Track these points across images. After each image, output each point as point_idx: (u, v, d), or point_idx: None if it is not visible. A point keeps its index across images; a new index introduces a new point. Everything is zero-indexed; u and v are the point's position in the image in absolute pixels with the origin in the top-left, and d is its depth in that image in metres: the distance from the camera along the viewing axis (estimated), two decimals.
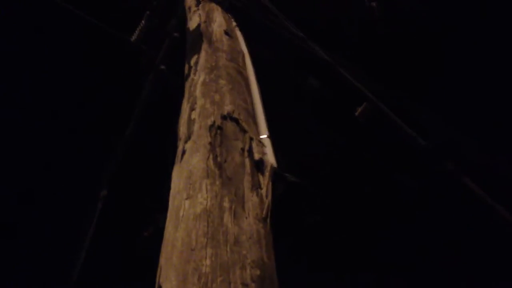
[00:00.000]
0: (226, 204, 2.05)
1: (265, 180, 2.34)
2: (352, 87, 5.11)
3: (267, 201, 2.21)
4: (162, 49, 6.46)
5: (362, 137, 5.08)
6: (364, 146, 5.06)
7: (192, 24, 4.39)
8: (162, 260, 1.93)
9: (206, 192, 2.10)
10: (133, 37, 7.12)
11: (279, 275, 2.01)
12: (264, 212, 2.14)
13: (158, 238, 2.18)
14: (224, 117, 2.69)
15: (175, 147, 2.77)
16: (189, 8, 4.84)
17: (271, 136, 2.80)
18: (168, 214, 2.15)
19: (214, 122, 2.62)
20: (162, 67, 6.22)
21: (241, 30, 4.55)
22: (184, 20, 5.09)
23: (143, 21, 7.03)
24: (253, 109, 3.09)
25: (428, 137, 5.10)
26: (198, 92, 3.01)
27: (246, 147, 2.50)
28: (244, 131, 2.63)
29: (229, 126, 2.64)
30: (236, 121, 2.70)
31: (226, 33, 3.97)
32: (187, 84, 3.32)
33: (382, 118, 5.05)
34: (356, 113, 4.99)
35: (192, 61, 3.63)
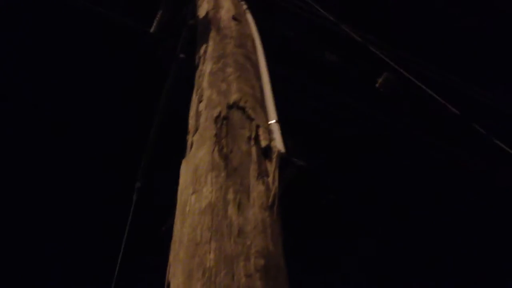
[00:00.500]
0: (230, 195, 2.06)
1: (272, 167, 2.34)
2: (373, 60, 4.99)
3: (274, 188, 2.21)
4: (181, 38, 6.49)
5: (386, 109, 4.98)
6: (388, 118, 4.97)
7: (201, 12, 4.38)
8: (171, 257, 1.97)
9: (211, 186, 2.12)
10: (152, 29, 7.22)
11: (290, 261, 2.02)
12: (270, 200, 2.14)
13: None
14: (230, 107, 2.69)
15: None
16: None
17: (280, 121, 2.79)
18: (176, 210, 2.19)
19: (220, 112, 2.62)
20: (182, 55, 6.26)
21: (252, 13, 4.50)
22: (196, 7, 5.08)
23: (160, 12, 7.09)
24: (262, 93, 3.07)
25: (456, 104, 4.95)
26: (205, 83, 3.02)
27: (253, 135, 2.50)
28: (250, 119, 2.63)
29: (235, 115, 2.64)
30: (242, 109, 2.69)
31: (235, 18, 3.95)
32: (196, 75, 3.34)
33: (405, 87, 4.93)
34: (377, 84, 4.89)
35: (202, 51, 3.63)
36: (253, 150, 2.41)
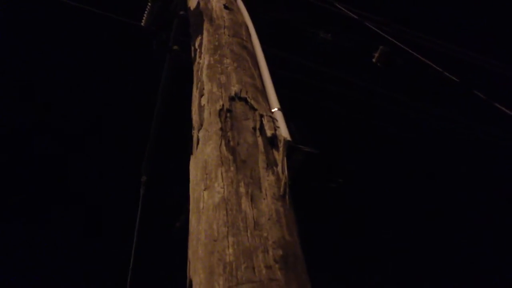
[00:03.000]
0: (242, 189, 2.09)
1: (280, 156, 2.36)
2: (367, 35, 4.97)
3: (284, 177, 2.23)
4: (173, 29, 6.45)
5: (385, 83, 4.98)
6: (388, 91, 4.97)
7: (192, 3, 4.35)
8: (190, 254, 2.01)
9: (222, 180, 2.15)
10: (143, 22, 7.18)
11: (306, 247, 2.06)
12: (282, 189, 2.17)
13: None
14: (232, 99, 2.70)
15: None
16: None
17: (282, 107, 2.80)
18: (190, 207, 2.21)
19: (223, 105, 2.63)
20: (175, 47, 6.24)
21: None
22: None
23: (149, 4, 7.04)
24: (262, 81, 3.08)
25: (454, 71, 4.95)
26: (204, 76, 3.01)
27: (257, 126, 2.51)
28: (253, 109, 2.64)
29: (238, 106, 2.65)
30: (244, 100, 2.70)
31: (226, 7, 3.91)
32: (195, 68, 3.33)
33: (402, 59, 4.92)
34: (374, 59, 4.88)
35: (197, 43, 3.62)
36: (260, 140, 2.43)
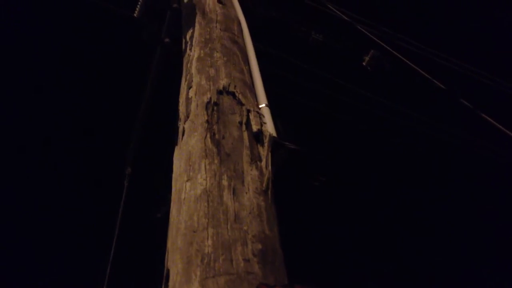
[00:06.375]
0: (225, 182, 2.09)
1: (264, 151, 2.36)
2: (359, 38, 4.99)
3: (267, 172, 2.23)
4: (165, 22, 6.43)
5: (374, 86, 5.00)
6: (376, 95, 4.99)
7: None
8: (169, 244, 2.00)
9: (205, 172, 2.14)
10: (136, 13, 7.13)
11: (286, 243, 2.06)
12: (265, 184, 2.17)
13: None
14: (220, 92, 2.69)
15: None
16: None
17: (270, 104, 2.79)
18: (172, 198, 2.20)
19: (210, 98, 2.62)
20: (167, 40, 6.21)
21: None
22: None
23: None
24: (251, 77, 3.07)
25: (442, 79, 4.99)
26: (193, 69, 3.00)
27: (244, 120, 2.51)
28: (241, 104, 2.63)
29: (226, 100, 2.64)
30: (232, 94, 2.70)
31: (219, 1, 3.90)
32: (184, 61, 3.32)
33: (392, 64, 4.95)
34: (364, 62, 4.90)
35: (188, 36, 3.60)
36: (245, 135, 2.42)
